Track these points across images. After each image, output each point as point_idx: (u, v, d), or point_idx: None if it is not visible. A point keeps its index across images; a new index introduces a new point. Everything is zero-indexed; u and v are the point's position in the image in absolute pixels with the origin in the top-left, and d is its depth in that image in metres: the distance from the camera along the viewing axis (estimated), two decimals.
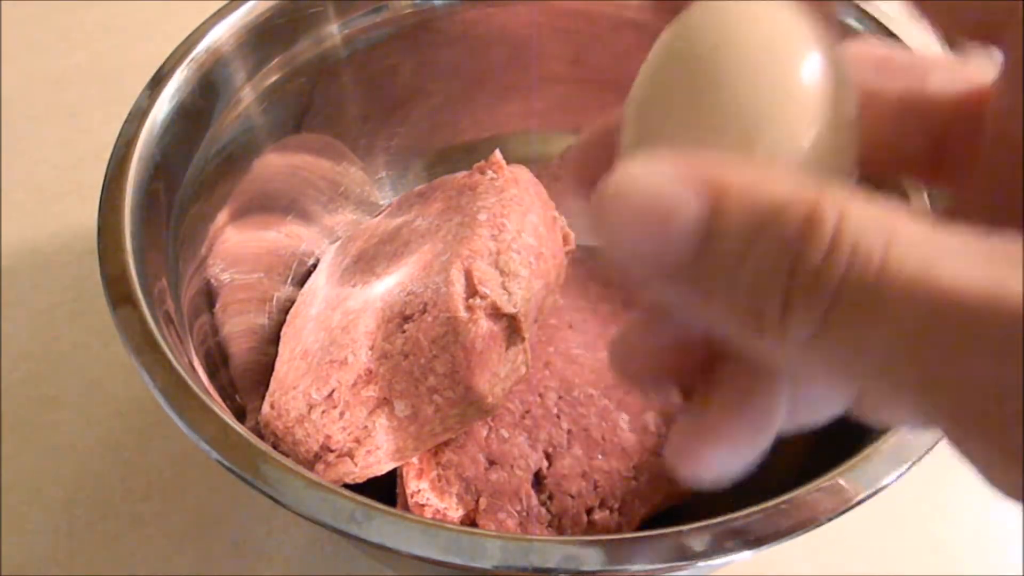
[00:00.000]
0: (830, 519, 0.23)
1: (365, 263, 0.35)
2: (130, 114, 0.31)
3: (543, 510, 0.31)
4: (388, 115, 0.41)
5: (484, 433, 0.32)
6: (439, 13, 0.40)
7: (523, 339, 0.30)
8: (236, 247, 0.35)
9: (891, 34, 0.35)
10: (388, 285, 0.32)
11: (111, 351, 0.42)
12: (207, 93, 0.34)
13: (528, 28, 0.40)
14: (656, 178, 0.14)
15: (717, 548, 0.22)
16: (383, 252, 0.35)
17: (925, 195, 0.32)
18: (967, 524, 0.37)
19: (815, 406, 0.18)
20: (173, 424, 0.24)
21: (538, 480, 0.32)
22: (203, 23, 0.34)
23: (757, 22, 0.15)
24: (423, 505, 0.31)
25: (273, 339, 0.36)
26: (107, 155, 0.30)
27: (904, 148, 0.18)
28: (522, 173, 0.35)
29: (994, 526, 0.37)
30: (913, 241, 0.13)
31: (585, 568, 0.22)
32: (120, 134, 0.31)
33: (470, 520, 0.31)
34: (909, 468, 0.24)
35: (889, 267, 0.12)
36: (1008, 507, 0.38)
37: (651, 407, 0.34)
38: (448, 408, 0.29)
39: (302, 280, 0.38)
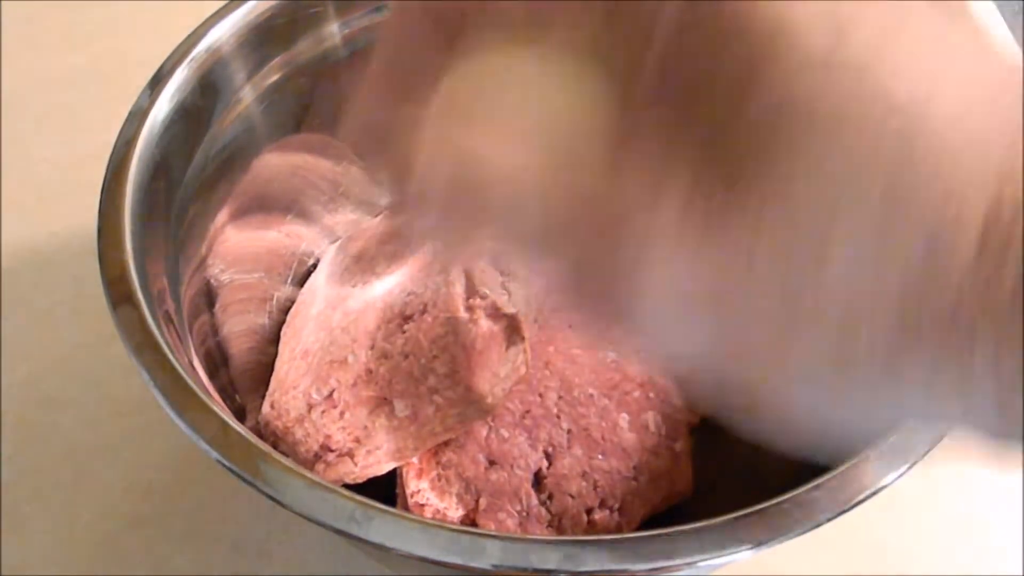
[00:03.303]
0: (830, 519, 0.23)
1: (365, 263, 0.35)
2: (130, 114, 0.31)
3: (543, 510, 0.31)
4: None
5: (484, 433, 0.32)
6: None
7: (523, 339, 0.30)
8: (236, 247, 0.35)
9: None
10: (388, 285, 0.32)
11: (111, 351, 0.42)
12: (207, 93, 0.34)
13: None
14: None
15: (717, 548, 0.22)
16: (383, 252, 0.35)
17: None
18: (967, 524, 0.37)
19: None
20: (173, 424, 0.24)
21: (538, 480, 0.32)
22: (203, 23, 0.34)
23: None
24: (423, 505, 0.31)
25: (273, 339, 0.36)
26: (107, 155, 0.30)
27: None
28: None
29: (994, 526, 0.37)
30: None
31: (585, 568, 0.22)
32: (120, 134, 0.31)
33: (470, 520, 0.31)
34: (909, 468, 0.24)
35: None
36: (1008, 507, 0.38)
37: (651, 407, 0.34)
38: (448, 408, 0.29)
39: (302, 280, 0.38)
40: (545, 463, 0.32)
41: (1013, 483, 0.38)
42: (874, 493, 0.24)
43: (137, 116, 0.31)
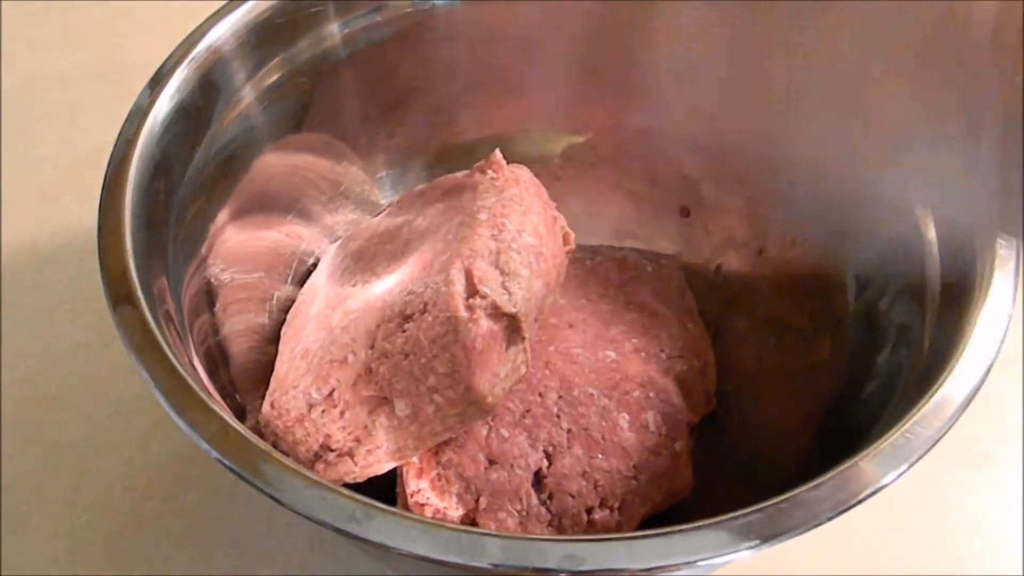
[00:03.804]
0: (830, 519, 0.23)
1: (365, 263, 0.35)
2: (130, 114, 0.31)
3: (543, 510, 0.31)
4: (388, 115, 0.41)
5: (484, 433, 0.32)
6: (439, 13, 0.40)
7: (523, 339, 0.30)
8: (236, 247, 0.35)
9: None
10: (388, 285, 0.32)
11: (111, 351, 0.42)
12: (207, 93, 0.34)
13: (528, 28, 0.40)
14: None
15: (717, 548, 0.22)
16: (383, 252, 0.35)
17: None
18: (967, 524, 0.37)
19: None
20: (173, 424, 0.24)
21: (538, 480, 0.32)
22: (203, 23, 0.34)
23: None
24: (423, 504, 0.31)
25: (273, 338, 0.36)
26: (107, 155, 0.30)
27: None
28: (522, 173, 0.35)
29: (994, 526, 0.37)
30: None
31: (585, 568, 0.22)
32: (120, 134, 0.31)
33: (470, 519, 0.31)
34: (909, 468, 0.24)
35: None
36: (1008, 508, 0.38)
37: (651, 407, 0.34)
38: (448, 408, 0.29)
39: (302, 279, 0.38)
40: (545, 463, 0.32)
41: (1013, 483, 0.38)
42: (874, 493, 0.24)
43: (137, 116, 0.31)
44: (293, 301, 0.37)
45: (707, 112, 0.39)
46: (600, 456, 0.32)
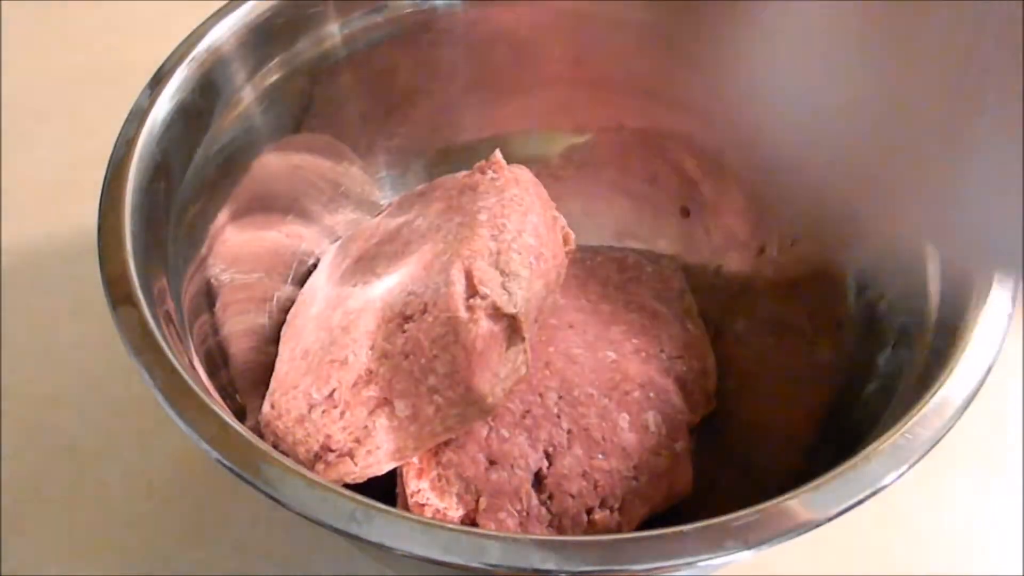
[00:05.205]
0: (830, 519, 0.23)
1: (365, 263, 0.35)
2: (130, 114, 0.31)
3: (543, 510, 0.31)
4: (388, 115, 0.41)
5: (484, 433, 0.32)
6: (439, 13, 0.40)
7: (523, 339, 0.30)
8: (236, 247, 0.35)
9: None
10: (388, 285, 0.32)
11: (111, 351, 0.42)
12: (207, 93, 0.34)
13: (528, 28, 0.40)
14: None
15: (717, 548, 0.22)
16: (383, 252, 0.35)
17: None
18: (967, 524, 0.37)
19: None
20: (173, 424, 0.24)
21: (538, 480, 0.32)
22: (203, 23, 0.34)
23: None
24: (423, 505, 0.31)
25: (273, 339, 0.36)
26: (107, 155, 0.30)
27: None
28: (523, 173, 0.35)
29: (994, 526, 0.37)
30: None
31: (585, 568, 0.22)
32: (120, 134, 0.31)
33: (470, 520, 0.31)
34: (909, 468, 0.24)
35: None
36: (1008, 507, 0.38)
37: (651, 407, 0.34)
38: (448, 408, 0.29)
39: (302, 280, 0.38)
40: (545, 463, 0.32)
41: (1013, 483, 0.38)
42: (874, 493, 0.24)
43: (137, 116, 0.31)
44: (293, 301, 0.37)
45: (707, 111, 0.39)
46: (600, 456, 0.32)
